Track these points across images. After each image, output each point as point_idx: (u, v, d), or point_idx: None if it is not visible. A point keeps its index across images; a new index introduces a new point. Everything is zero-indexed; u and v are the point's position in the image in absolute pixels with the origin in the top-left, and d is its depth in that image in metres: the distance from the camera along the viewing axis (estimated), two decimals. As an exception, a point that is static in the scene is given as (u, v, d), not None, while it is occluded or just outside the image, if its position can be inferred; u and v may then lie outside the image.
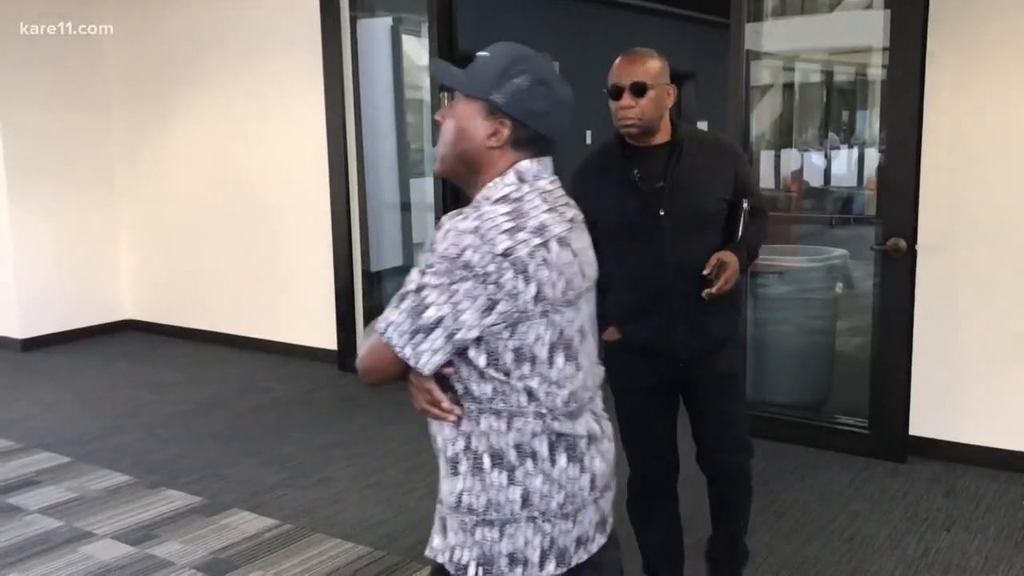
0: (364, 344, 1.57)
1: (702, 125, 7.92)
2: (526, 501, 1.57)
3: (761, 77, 5.30)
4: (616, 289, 2.62)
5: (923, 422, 4.22)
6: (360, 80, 5.86)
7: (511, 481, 1.56)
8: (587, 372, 1.64)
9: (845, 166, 9.56)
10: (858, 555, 3.36)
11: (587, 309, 1.64)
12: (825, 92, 8.90)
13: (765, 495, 3.86)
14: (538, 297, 1.49)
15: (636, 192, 2.58)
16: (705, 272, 2.51)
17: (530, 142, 1.59)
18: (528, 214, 1.51)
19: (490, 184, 1.57)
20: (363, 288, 6.07)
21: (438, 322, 1.47)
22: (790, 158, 7.70)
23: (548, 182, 1.61)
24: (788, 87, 7.54)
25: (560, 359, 1.55)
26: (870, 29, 4.58)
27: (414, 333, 1.49)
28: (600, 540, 1.68)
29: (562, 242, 1.53)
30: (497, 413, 1.54)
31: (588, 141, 7.71)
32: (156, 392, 5.66)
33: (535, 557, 1.58)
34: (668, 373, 2.70)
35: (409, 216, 6.65)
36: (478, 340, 1.51)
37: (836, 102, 9.39)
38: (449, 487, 1.62)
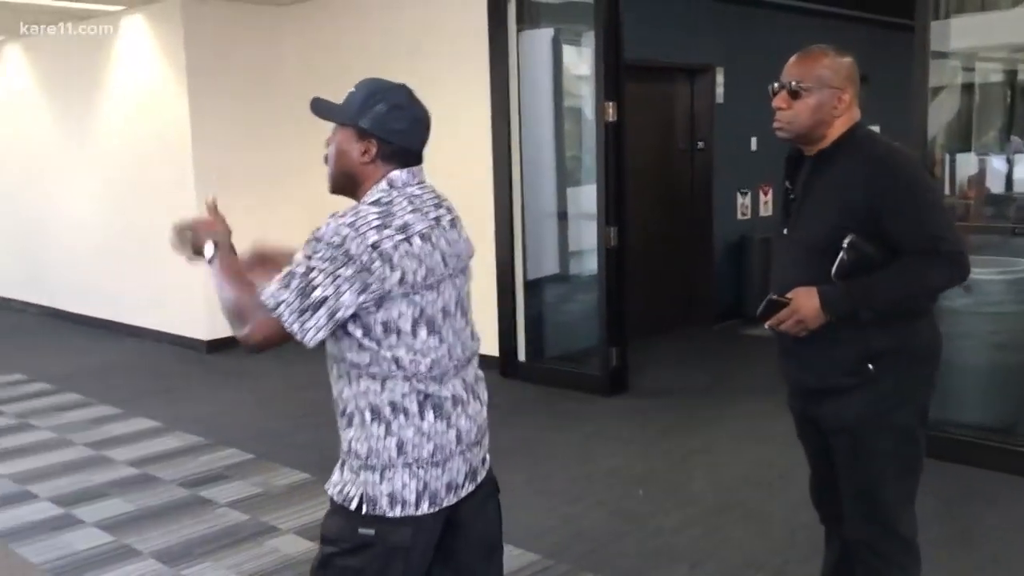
0: (252, 319, 1.79)
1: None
2: (400, 449, 1.86)
3: (939, 77, 5.04)
4: None
5: None
6: (523, 90, 5.95)
7: (388, 432, 1.86)
8: (452, 345, 1.91)
9: (1030, 171, 8.94)
10: (1061, 590, 3.13)
11: (451, 293, 1.91)
12: (1008, 92, 8.37)
13: (950, 521, 3.66)
14: (401, 282, 1.79)
15: (784, 203, 2.45)
16: (759, 311, 2.28)
17: (395, 155, 1.91)
18: (395, 214, 1.83)
19: (368, 191, 1.89)
20: (524, 296, 6.14)
21: (323, 302, 1.75)
22: (968, 162, 7.28)
23: (417, 187, 1.93)
24: (967, 87, 7.14)
25: (423, 332, 1.85)
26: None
27: (303, 311, 1.75)
28: (469, 487, 1.98)
29: (424, 237, 1.85)
30: (372, 376, 1.85)
31: (753, 148, 7.53)
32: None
33: (411, 498, 1.87)
34: (800, 402, 2.48)
35: (566, 225, 6.68)
36: (355, 317, 1.80)
37: (1020, 102, 8.81)
38: (344, 436, 1.93)
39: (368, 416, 1.87)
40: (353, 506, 1.87)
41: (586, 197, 6.71)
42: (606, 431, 5.01)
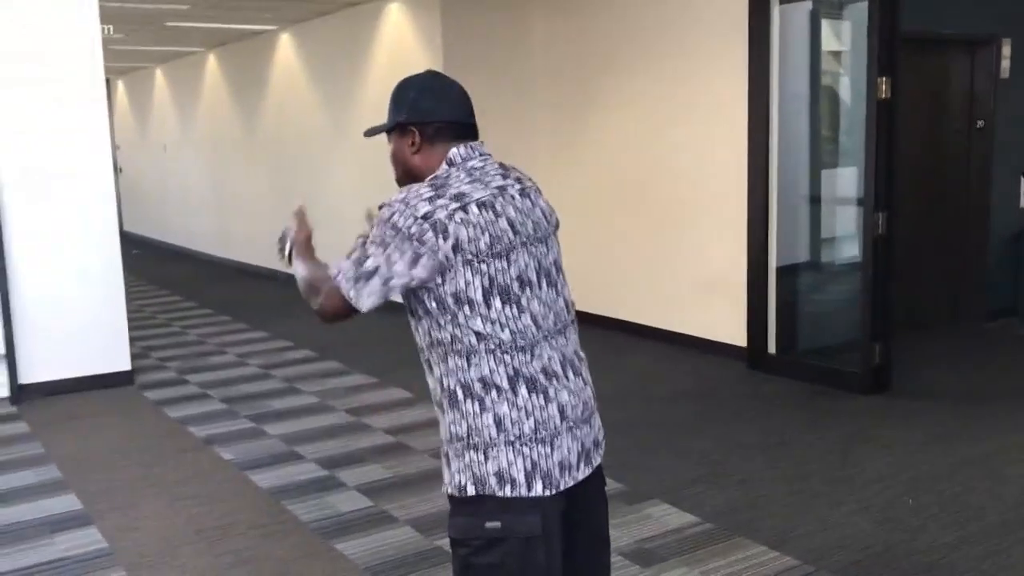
0: (322, 291, 1.87)
1: None
2: (500, 426, 1.80)
3: None
4: None
5: None
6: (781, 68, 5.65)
7: (483, 408, 1.80)
8: (539, 315, 1.85)
9: None
10: None
11: (527, 261, 1.85)
12: None
13: None
14: (456, 249, 1.75)
15: None
16: None
17: (440, 133, 1.92)
18: (449, 186, 1.82)
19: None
20: (776, 284, 5.85)
21: (375, 270, 1.79)
22: None
23: (478, 160, 1.91)
24: None
25: (497, 302, 1.79)
26: None
27: (357, 279, 1.81)
28: (585, 470, 1.89)
29: (483, 205, 1.81)
30: (458, 352, 1.81)
31: (1041, 127, 6.77)
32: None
33: (521, 477, 1.79)
34: None
35: (819, 209, 6.31)
36: (427, 291, 1.80)
37: None
38: (443, 424, 1.89)
39: (460, 394, 1.82)
40: (469, 492, 1.81)
41: (843, 180, 6.30)
42: (868, 432, 4.66)
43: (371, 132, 2.07)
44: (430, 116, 1.92)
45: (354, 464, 4.44)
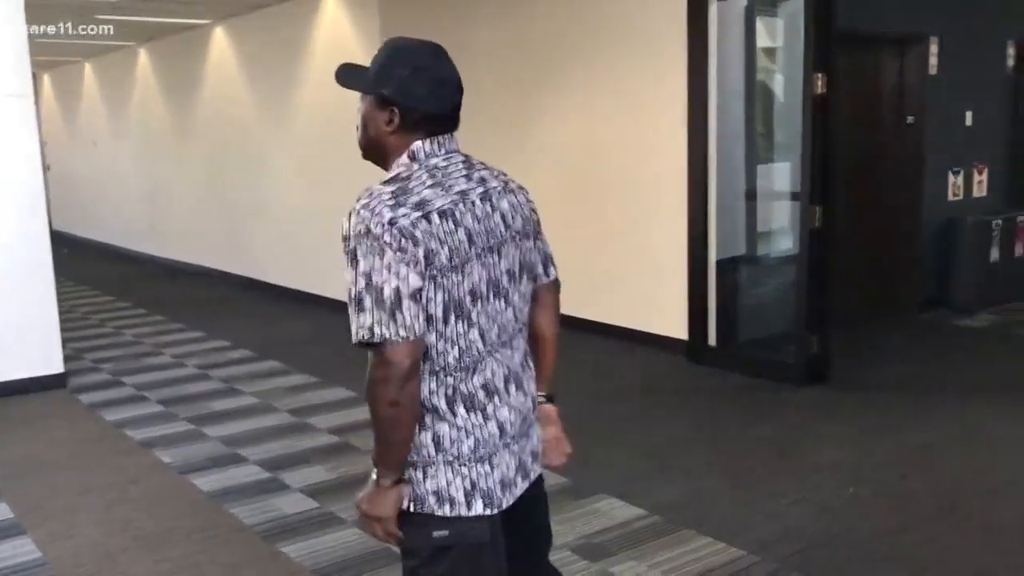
0: (375, 376, 1.67)
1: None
2: (438, 445, 1.75)
3: None
4: None
5: None
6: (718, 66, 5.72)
7: (422, 427, 1.75)
8: (486, 329, 1.76)
9: None
10: None
11: (481, 273, 1.75)
12: None
13: None
14: (427, 261, 1.66)
15: None
16: None
17: (421, 122, 1.77)
18: (411, 191, 1.70)
19: (393, 164, 1.80)
20: (715, 278, 5.92)
21: (396, 292, 1.62)
22: None
23: (442, 159, 1.79)
24: None
25: (451, 318, 1.71)
26: None
27: (392, 315, 1.62)
28: (523, 484, 1.86)
29: (443, 214, 1.70)
30: None
31: (968, 123, 6.98)
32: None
33: (460, 496, 1.76)
34: None
35: (755, 204, 6.40)
36: None
37: None
38: None
39: None
40: (407, 506, 1.77)
41: (780, 175, 6.40)
42: (807, 424, 4.76)
43: (345, 80, 1.85)
44: (419, 104, 1.77)
45: (298, 465, 4.37)
